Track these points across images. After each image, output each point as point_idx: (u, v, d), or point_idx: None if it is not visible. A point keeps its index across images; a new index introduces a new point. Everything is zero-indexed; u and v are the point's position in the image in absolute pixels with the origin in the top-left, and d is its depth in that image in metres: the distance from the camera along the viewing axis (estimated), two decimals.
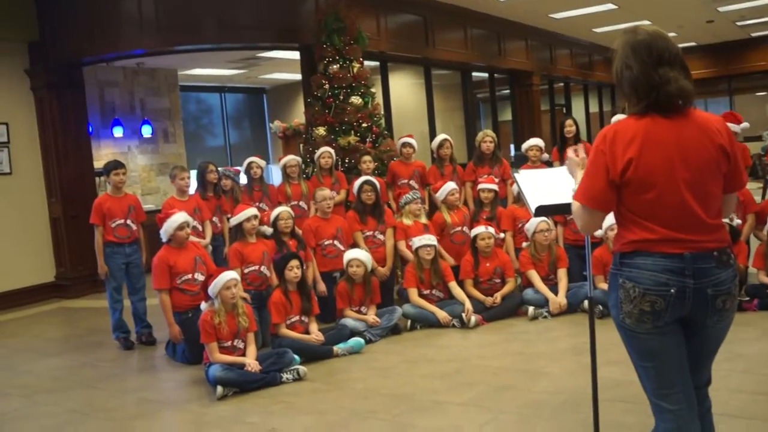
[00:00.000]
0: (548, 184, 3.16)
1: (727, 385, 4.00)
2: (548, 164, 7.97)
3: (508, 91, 14.38)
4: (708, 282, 2.26)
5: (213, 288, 4.87)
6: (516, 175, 3.26)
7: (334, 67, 8.04)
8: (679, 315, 2.29)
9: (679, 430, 2.34)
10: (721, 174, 2.33)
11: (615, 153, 2.29)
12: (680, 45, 13.45)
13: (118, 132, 10.94)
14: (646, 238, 2.29)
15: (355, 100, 8.04)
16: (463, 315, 5.86)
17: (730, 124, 7.28)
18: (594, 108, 17.82)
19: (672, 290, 2.25)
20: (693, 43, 17.92)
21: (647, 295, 2.27)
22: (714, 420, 2.56)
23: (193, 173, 7.13)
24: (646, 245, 2.29)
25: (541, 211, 3.01)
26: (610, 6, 12.41)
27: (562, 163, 7.81)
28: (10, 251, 8.39)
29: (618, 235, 2.40)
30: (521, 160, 8.39)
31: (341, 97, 8.03)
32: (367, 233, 6.54)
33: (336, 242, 6.39)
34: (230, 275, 4.92)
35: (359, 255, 5.86)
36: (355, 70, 8.12)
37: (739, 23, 15.79)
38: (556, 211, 3.19)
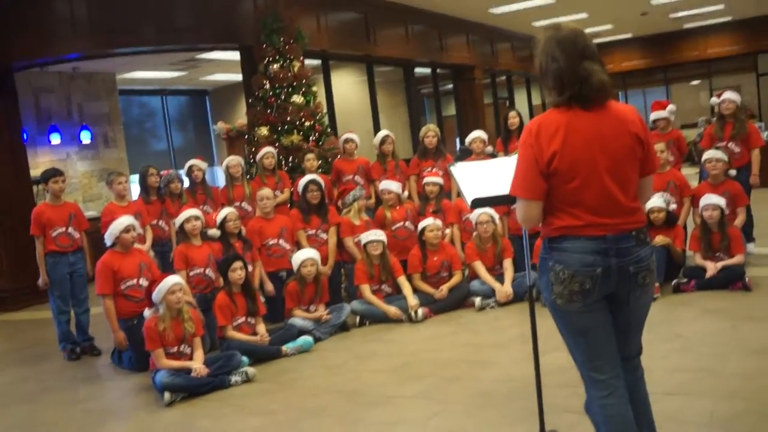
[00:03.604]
0: (484, 177, 3.19)
1: (666, 364, 4.13)
2: (492, 156, 8.06)
3: (451, 85, 14.50)
4: (630, 260, 2.44)
5: (157, 294, 4.79)
6: (452, 168, 3.29)
7: (275, 66, 8.00)
8: (605, 293, 2.47)
9: (610, 396, 2.53)
10: (637, 160, 2.50)
11: (541, 145, 2.42)
12: (616, 37, 13.88)
13: (55, 139, 10.65)
14: (572, 225, 2.45)
15: (297, 99, 8.03)
16: (411, 311, 5.89)
17: (658, 113, 7.40)
18: (537, 100, 18.11)
19: (598, 270, 2.43)
20: (629, 35, 18.37)
21: (576, 276, 2.43)
22: (653, 398, 2.72)
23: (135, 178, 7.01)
24: (573, 231, 2.45)
25: (478, 203, 3.05)
26: (549, 0, 12.62)
27: (506, 154, 7.94)
28: None
29: (546, 222, 2.54)
30: (466, 154, 8.47)
31: (283, 97, 8.01)
32: (310, 232, 6.52)
33: (281, 241, 6.35)
34: (174, 279, 4.85)
35: (312, 254, 5.84)
36: (296, 69, 8.10)
37: (671, 15, 16.24)
38: (492, 203, 3.24)
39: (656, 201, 6.08)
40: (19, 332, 7.40)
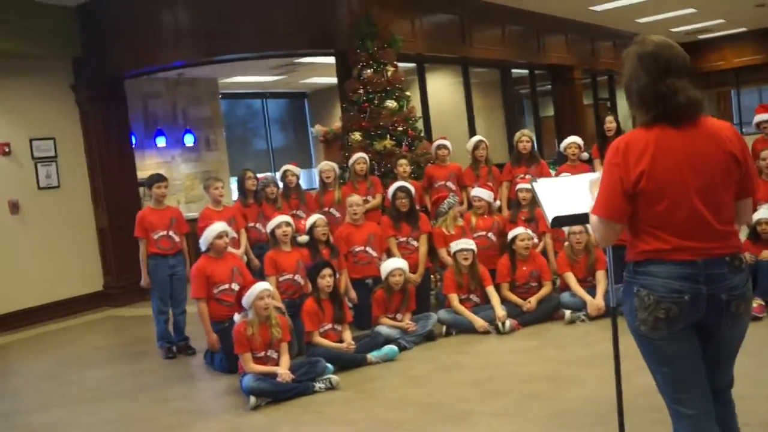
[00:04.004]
0: (566, 194, 3.11)
1: (766, 393, 3.87)
2: (588, 162, 7.85)
3: (549, 86, 14.18)
4: (721, 287, 2.30)
5: (246, 299, 4.93)
6: (534, 184, 3.22)
7: (368, 71, 8.04)
8: (693, 321, 2.33)
9: None
10: (732, 181, 2.34)
11: (628, 165, 2.32)
12: (729, 31, 12.96)
13: (161, 142, 11.18)
14: (659, 248, 2.33)
15: (390, 103, 8.03)
16: (498, 323, 5.81)
17: (761, 116, 6.95)
18: None
19: (686, 297, 2.29)
20: (743, 29, 17.34)
21: (662, 302, 2.31)
22: (747, 430, 2.53)
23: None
24: (659, 254, 2.33)
25: (558, 221, 2.97)
26: None
27: (602, 159, 7.69)
28: (61, 262, 8.67)
29: (631, 245, 2.43)
30: (561, 159, 8.29)
31: (376, 102, 8.04)
32: (401, 239, 6.53)
33: (368, 248, 6.39)
34: (263, 286, 4.98)
35: (401, 264, 5.86)
36: (389, 73, 8.11)
37: None
38: (573, 222, 3.17)
39: (764, 212, 5.73)
40: (123, 328, 7.82)
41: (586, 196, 2.85)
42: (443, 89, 12.45)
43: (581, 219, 2.98)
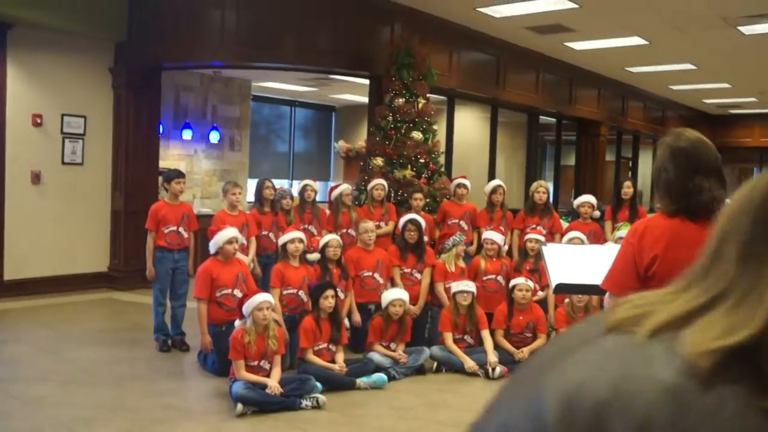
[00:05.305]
0: (574, 262, 3.20)
1: None
2: (599, 220, 7.95)
3: (574, 136, 14.32)
4: None
5: (247, 307, 5.05)
6: (543, 248, 3.32)
7: (400, 100, 8.19)
8: None
9: None
10: None
11: (643, 247, 2.41)
12: (760, 110, 13.09)
13: (187, 135, 11.35)
14: None
15: (416, 135, 8.18)
16: (488, 367, 5.89)
17: None
18: None
19: None
20: None
21: None
22: None
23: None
24: None
25: (561, 288, 3.07)
26: (690, 66, 12.25)
27: (614, 222, 7.79)
28: (71, 237, 8.82)
29: None
30: (574, 215, 8.39)
31: (403, 131, 8.18)
32: (405, 270, 6.64)
33: (376, 275, 6.50)
34: (264, 297, 5.09)
35: (402, 295, 5.96)
36: (420, 105, 8.26)
37: None
38: (577, 290, 3.26)
39: None
40: (123, 313, 7.93)
41: (594, 265, 2.92)
42: (469, 124, 12.60)
43: (585, 289, 3.08)
